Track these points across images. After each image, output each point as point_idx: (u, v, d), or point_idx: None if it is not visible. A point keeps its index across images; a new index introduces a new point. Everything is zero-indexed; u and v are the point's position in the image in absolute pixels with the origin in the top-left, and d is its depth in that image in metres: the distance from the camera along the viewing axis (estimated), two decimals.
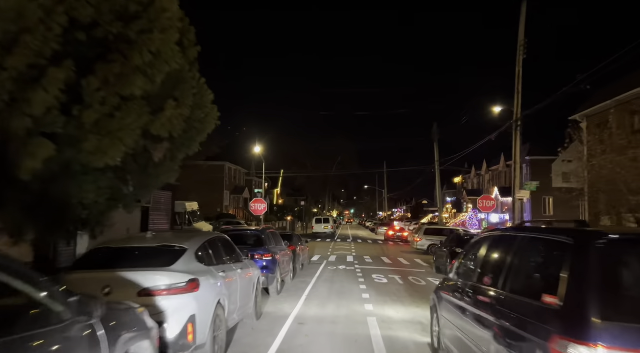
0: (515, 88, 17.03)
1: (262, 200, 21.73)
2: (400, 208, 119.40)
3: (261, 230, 11.07)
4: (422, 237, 27.33)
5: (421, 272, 18.03)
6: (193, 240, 5.86)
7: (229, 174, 49.60)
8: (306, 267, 17.92)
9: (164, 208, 20.20)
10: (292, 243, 16.08)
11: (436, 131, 37.79)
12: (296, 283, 13.41)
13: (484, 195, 22.95)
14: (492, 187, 52.67)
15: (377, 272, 17.11)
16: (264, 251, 10.64)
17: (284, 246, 13.11)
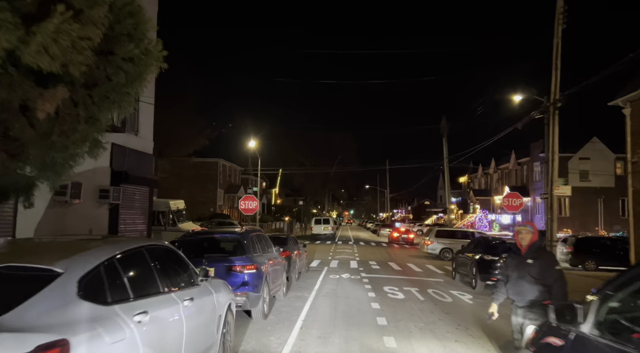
0: (553, 63, 14.31)
1: (254, 198, 18.97)
2: (401, 209, 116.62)
3: (242, 233, 8.30)
4: (433, 240, 24.54)
5: (439, 281, 15.26)
6: (83, 255, 3.08)
7: (223, 171, 46.79)
8: (304, 276, 15.14)
9: (139, 206, 17.39)
10: (287, 248, 13.31)
11: (445, 125, 35.01)
12: (290, 299, 10.61)
13: (510, 193, 20.18)
14: (501, 187, 49.91)
15: (387, 282, 14.32)
16: (244, 261, 7.85)
17: (275, 252, 10.32)
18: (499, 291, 5.29)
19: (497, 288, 5.34)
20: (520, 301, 5.02)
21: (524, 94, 23.14)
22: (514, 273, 5.11)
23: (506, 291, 5.21)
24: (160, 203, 23.87)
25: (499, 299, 5.30)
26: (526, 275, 4.96)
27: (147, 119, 18.00)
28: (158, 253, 4.01)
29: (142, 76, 4.75)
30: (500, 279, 5.33)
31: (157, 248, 4.10)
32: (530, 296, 4.92)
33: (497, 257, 13.15)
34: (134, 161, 16.61)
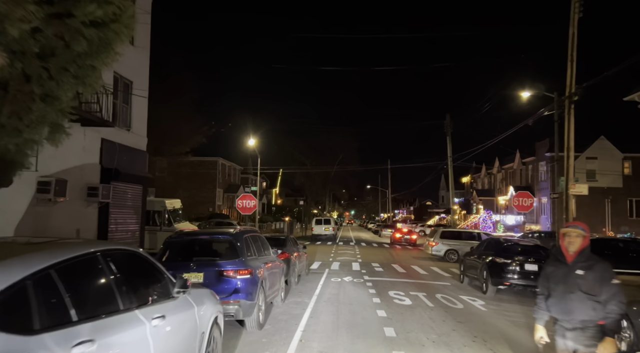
0: (569, 54, 13.47)
1: (252, 196, 18.13)
2: (402, 210, 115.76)
3: (235, 233, 7.48)
4: (437, 241, 23.70)
5: (446, 285, 14.44)
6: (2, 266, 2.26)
7: (222, 171, 45.98)
8: (304, 279, 14.32)
9: (132, 205, 16.59)
10: (286, 249, 12.49)
11: (449, 123, 34.16)
12: (289, 306, 9.79)
13: (521, 192, 19.34)
14: (505, 187, 49.05)
15: (392, 286, 13.51)
16: (237, 265, 7.03)
17: (273, 255, 9.50)
18: (540, 308, 4.25)
19: (537, 306, 4.28)
20: (569, 321, 4.00)
21: (532, 91, 22.32)
22: (559, 286, 4.06)
23: (547, 308, 4.18)
24: (156, 203, 23.05)
25: (542, 318, 4.22)
26: (576, 290, 3.94)
27: (140, 113, 17.21)
28: (119, 260, 3.19)
29: (110, 46, 3.94)
30: (540, 293, 4.26)
31: (119, 253, 3.29)
32: (581, 315, 3.91)
33: (509, 259, 12.34)
34: (125, 158, 15.82)
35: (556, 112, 21.62)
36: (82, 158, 13.45)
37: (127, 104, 16.50)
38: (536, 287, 11.78)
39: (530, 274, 12.12)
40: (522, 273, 12.12)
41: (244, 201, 17.92)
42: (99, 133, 14.19)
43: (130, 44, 16.34)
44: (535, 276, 12.10)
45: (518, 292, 12.88)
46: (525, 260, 12.26)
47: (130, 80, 16.39)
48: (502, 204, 48.20)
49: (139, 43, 16.85)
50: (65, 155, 12.64)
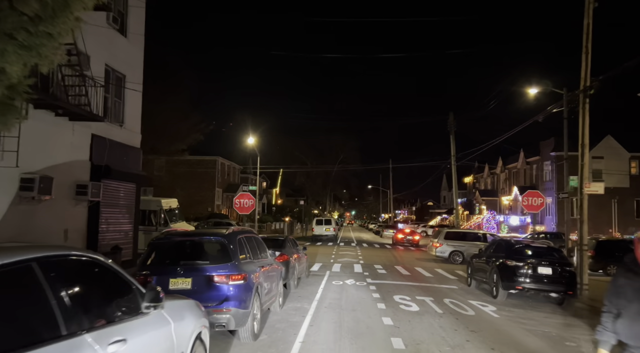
0: (583, 46, 12.75)
1: (250, 195, 17.42)
2: (404, 210, 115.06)
3: (227, 234, 6.79)
4: (441, 242, 23.01)
5: (453, 289, 13.75)
6: None
7: (222, 170, 45.29)
8: (304, 282, 13.64)
9: (125, 203, 15.90)
10: (284, 251, 11.81)
11: (453, 121, 33.44)
12: (287, 312, 9.10)
13: (530, 191, 18.64)
14: (508, 187, 48.34)
15: (397, 289, 12.82)
16: (229, 270, 6.35)
17: (270, 258, 8.81)
18: (605, 330, 3.37)
19: (602, 326, 3.39)
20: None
21: (540, 87, 21.63)
22: (633, 304, 3.20)
23: (615, 330, 3.31)
24: (152, 202, 22.40)
25: (608, 342, 3.36)
26: None
27: (134, 109, 16.52)
28: (67, 270, 2.51)
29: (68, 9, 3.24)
30: (607, 310, 3.38)
31: (68, 260, 2.60)
32: None
33: (521, 262, 11.64)
34: (118, 155, 15.14)
35: (565, 109, 20.91)
36: (70, 154, 12.76)
37: (120, 98, 15.81)
38: (550, 292, 11.06)
39: (544, 278, 11.44)
40: (535, 277, 11.43)
41: (242, 200, 17.21)
42: (89, 128, 13.50)
43: (123, 35, 15.70)
44: (549, 279, 11.42)
45: (530, 297, 12.20)
46: (539, 262, 11.57)
47: (123, 74, 15.71)
48: (505, 204, 47.48)
49: (133, 35, 16.18)
50: (51, 151, 11.97)
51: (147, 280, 6.25)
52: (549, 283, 11.38)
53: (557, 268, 11.49)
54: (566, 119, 20.95)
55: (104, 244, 14.29)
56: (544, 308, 11.18)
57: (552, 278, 11.41)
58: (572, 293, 11.45)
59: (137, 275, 6.32)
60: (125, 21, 15.73)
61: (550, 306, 11.54)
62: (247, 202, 17.24)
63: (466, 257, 22.70)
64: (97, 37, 13.71)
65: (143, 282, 6.24)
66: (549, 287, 11.39)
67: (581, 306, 11.66)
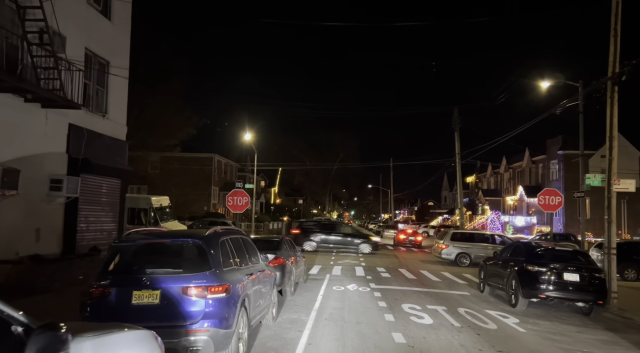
0: (611, 28, 11.55)
1: (244, 193, 16.18)
2: (404, 210, 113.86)
3: (207, 236, 5.57)
4: (448, 243, 21.78)
5: (465, 295, 12.54)
6: None
7: (218, 168, 44.02)
8: (301, 287, 12.41)
9: (108, 201, 14.66)
10: (280, 254, 10.60)
11: (457, 118, 32.19)
12: (282, 326, 7.86)
13: (547, 189, 17.36)
14: (512, 186, 47.13)
15: (404, 296, 11.60)
16: (207, 280, 5.12)
17: (261, 262, 7.58)
18: None
19: None
20: None
21: (553, 80, 20.42)
22: None
23: None
24: (141, 200, 21.17)
25: None
26: None
27: (118, 98, 15.27)
28: None
29: None
30: None
31: None
32: None
33: (544, 267, 10.42)
34: (100, 147, 13.90)
35: (581, 103, 19.74)
36: (43, 145, 11.52)
37: (103, 87, 14.56)
38: (577, 301, 9.81)
39: (570, 285, 10.21)
40: (561, 284, 10.21)
41: (235, 198, 15.99)
42: (65, 117, 12.26)
43: (107, 18, 14.45)
44: (576, 287, 10.20)
45: (552, 305, 10.98)
46: (564, 268, 10.34)
47: (107, 60, 14.46)
48: (510, 204, 46.29)
49: (118, 19, 14.94)
50: (19, 141, 10.73)
51: (105, 293, 5.02)
52: (576, 292, 10.15)
53: (585, 274, 10.27)
54: (581, 113, 19.78)
55: (83, 245, 13.05)
56: (571, 319, 9.96)
57: (579, 285, 10.18)
58: (602, 303, 10.22)
59: (92, 286, 5.08)
60: (109, 3, 14.50)
61: (577, 317, 10.32)
62: (240, 200, 16.02)
63: (473, 260, 21.51)
64: (75, 17, 12.47)
65: (100, 295, 5.00)
66: (576, 295, 10.16)
67: (611, 317, 10.44)
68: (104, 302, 4.97)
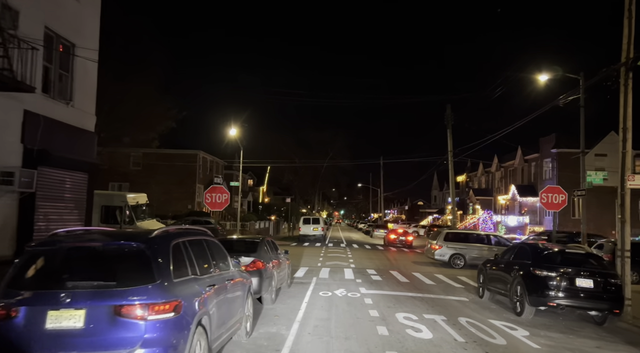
0: (625, 9, 10.54)
1: (223, 189, 14.92)
2: (393, 210, 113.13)
3: (152, 238, 4.36)
4: (441, 243, 20.73)
5: (464, 301, 11.47)
6: None
7: (204, 165, 42.55)
8: (284, 293, 11.23)
9: (72, 197, 13.33)
10: (259, 256, 9.42)
11: (450, 115, 31.19)
12: (256, 343, 6.66)
13: (549, 186, 16.37)
14: (504, 186, 46.38)
15: (398, 303, 10.48)
16: (148, 296, 3.90)
17: (233, 268, 6.38)
18: None
19: None
20: None
21: (551, 73, 19.46)
22: None
23: None
24: (115, 197, 19.80)
25: None
26: None
27: (86, 85, 13.91)
28: None
29: None
30: None
31: None
32: None
33: (554, 272, 9.37)
34: (63, 138, 12.55)
35: (582, 96, 18.83)
36: None
37: (68, 71, 13.21)
38: (591, 309, 8.76)
39: (582, 292, 9.16)
40: (572, 291, 9.16)
41: (214, 195, 14.69)
42: (20, 103, 10.92)
43: None
44: (589, 294, 9.14)
45: (560, 313, 9.93)
46: (576, 272, 9.29)
47: (72, 42, 13.11)
48: (502, 204, 45.52)
49: None
50: None
51: (10, 314, 3.78)
52: (590, 299, 9.10)
53: (600, 280, 9.23)
54: (583, 107, 18.86)
55: None
56: (585, 330, 8.91)
57: (593, 292, 9.14)
58: (618, 312, 9.20)
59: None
60: None
61: (590, 327, 9.29)
62: (220, 197, 14.73)
63: (468, 261, 20.51)
64: None
65: (4, 317, 3.75)
66: (590, 303, 9.11)
67: (627, 327, 9.42)
68: (9, 327, 3.74)
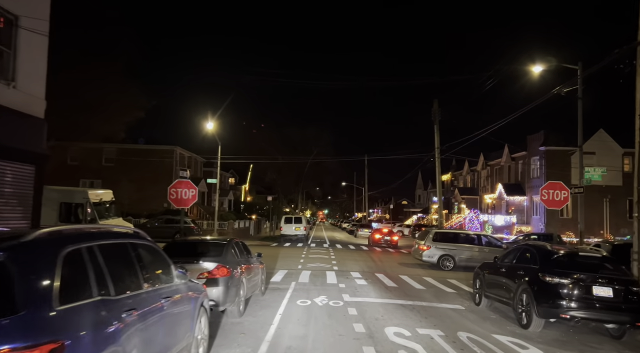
0: None
1: (190, 184, 13.31)
2: (377, 209, 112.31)
3: (25, 242, 2.86)
4: (429, 244, 19.49)
5: (459, 310, 10.20)
6: None
7: (181, 162, 40.70)
8: (256, 302, 9.79)
9: (14, 192, 11.65)
10: (223, 261, 7.96)
11: (437, 110, 30.06)
12: None
13: (550, 182, 15.19)
14: (490, 184, 45.59)
15: (387, 314, 9.13)
16: (5, 337, 2.39)
17: (178, 280, 4.91)
18: None
19: None
20: None
21: (547, 64, 18.40)
22: None
23: None
24: (76, 193, 18.07)
25: None
26: None
27: (34, 65, 12.19)
28: None
29: None
30: None
31: None
32: None
33: (567, 278, 8.11)
34: (3, 124, 10.90)
35: (580, 88, 17.79)
36: None
37: (10, 48, 11.51)
38: (611, 323, 7.48)
39: (600, 302, 7.90)
40: (589, 301, 7.90)
41: (179, 190, 13.07)
42: None
43: None
44: (608, 305, 7.89)
45: (570, 324, 8.69)
46: (593, 279, 8.04)
47: (14, 14, 11.40)
48: (488, 203, 44.71)
49: None
50: None
51: None
52: (609, 311, 7.85)
53: (619, 288, 7.98)
54: (580, 99, 17.79)
55: None
56: (604, 347, 7.68)
57: (612, 303, 7.89)
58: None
59: None
60: None
61: (609, 342, 8.06)
62: (186, 193, 13.12)
63: (458, 263, 19.34)
64: None
65: None
66: (610, 316, 7.85)
67: None
68: None
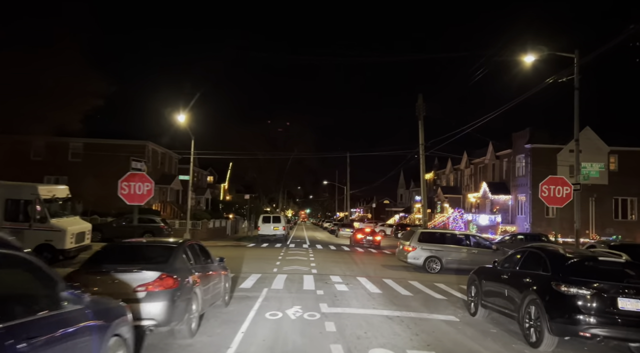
0: None
1: (145, 177, 11.66)
2: (359, 209, 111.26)
3: None
4: (415, 245, 18.16)
5: (453, 322, 8.86)
6: None
7: (154, 158, 38.63)
8: (217, 315, 8.24)
9: None
10: (171, 269, 6.41)
11: (422, 105, 28.84)
12: None
13: (551, 177, 13.91)
14: (474, 183, 44.73)
15: (371, 329, 7.70)
16: None
17: (68, 305, 3.33)
18: None
19: None
20: None
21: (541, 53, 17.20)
22: None
23: None
24: (23, 189, 16.06)
25: None
26: None
27: None
28: None
29: None
30: None
31: None
32: None
33: (587, 288, 6.77)
34: None
35: (576, 77, 16.65)
36: None
37: None
38: (638, 342, 6.07)
39: (623, 317, 6.57)
40: (613, 316, 6.57)
41: (132, 184, 11.39)
42: None
43: None
44: (637, 321, 6.58)
45: (583, 341, 7.36)
46: (617, 290, 6.71)
47: None
48: (472, 202, 43.82)
49: None
50: None
51: None
52: (638, 328, 6.53)
53: None
54: (577, 90, 16.65)
55: None
56: None
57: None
58: None
59: None
60: None
61: None
62: (140, 187, 11.46)
63: (445, 265, 18.06)
64: None
65: None
66: (638, 334, 6.54)
67: None
68: None
